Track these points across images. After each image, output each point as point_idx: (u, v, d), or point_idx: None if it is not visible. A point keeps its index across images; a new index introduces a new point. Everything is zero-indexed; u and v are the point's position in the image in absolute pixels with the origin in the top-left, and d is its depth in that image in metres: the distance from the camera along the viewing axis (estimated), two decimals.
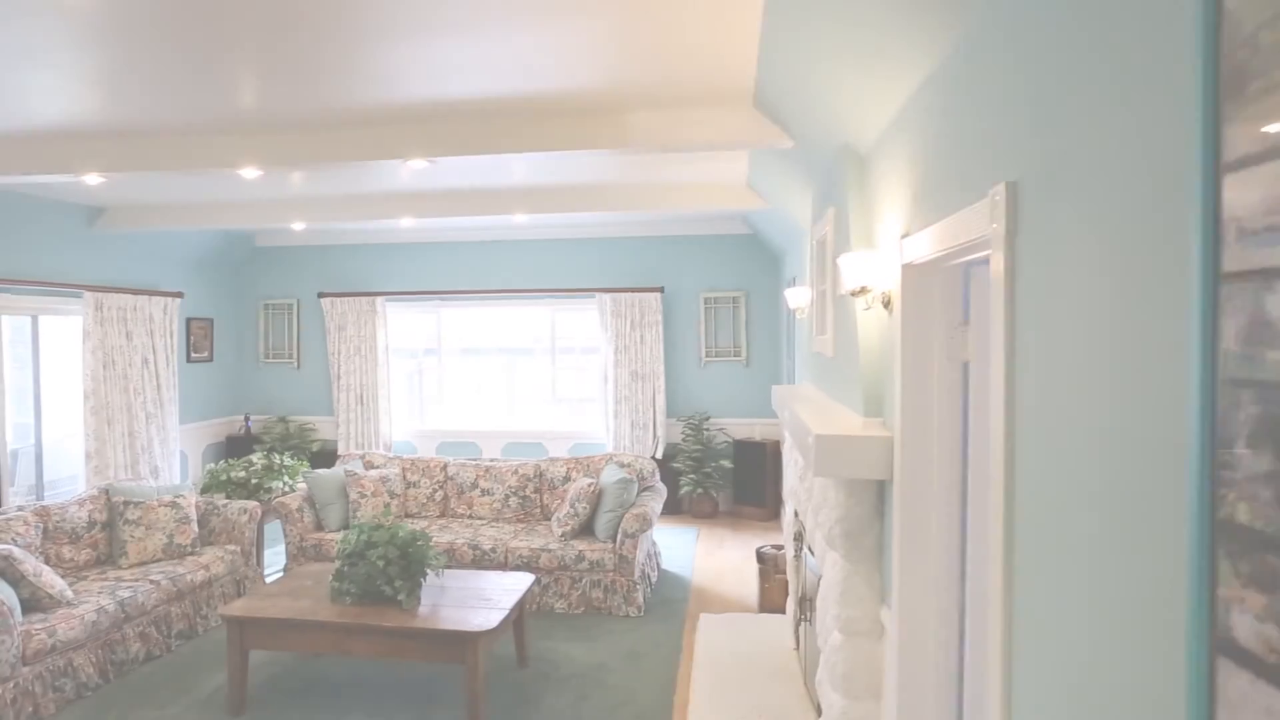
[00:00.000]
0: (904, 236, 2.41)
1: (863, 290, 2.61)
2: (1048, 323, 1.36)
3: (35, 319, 6.54)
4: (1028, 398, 1.46)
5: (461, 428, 8.62)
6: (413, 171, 5.46)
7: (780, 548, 5.45)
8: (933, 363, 2.40)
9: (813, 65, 2.93)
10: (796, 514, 4.47)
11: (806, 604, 3.98)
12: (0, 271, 6.06)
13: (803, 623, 4.07)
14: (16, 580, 3.95)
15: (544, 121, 3.97)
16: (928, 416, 2.41)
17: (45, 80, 3.35)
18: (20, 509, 4.61)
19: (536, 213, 6.17)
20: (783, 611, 5.12)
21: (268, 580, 5.50)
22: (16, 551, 4.02)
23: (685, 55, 3.20)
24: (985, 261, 2.19)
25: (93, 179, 4.42)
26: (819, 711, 3.52)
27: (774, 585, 5.20)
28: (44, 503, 4.79)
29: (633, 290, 8.05)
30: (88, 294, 6.67)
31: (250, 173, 4.25)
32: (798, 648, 4.38)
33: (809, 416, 3.03)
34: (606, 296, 8.06)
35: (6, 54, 3.02)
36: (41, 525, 4.62)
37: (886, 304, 2.62)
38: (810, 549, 3.82)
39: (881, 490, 2.72)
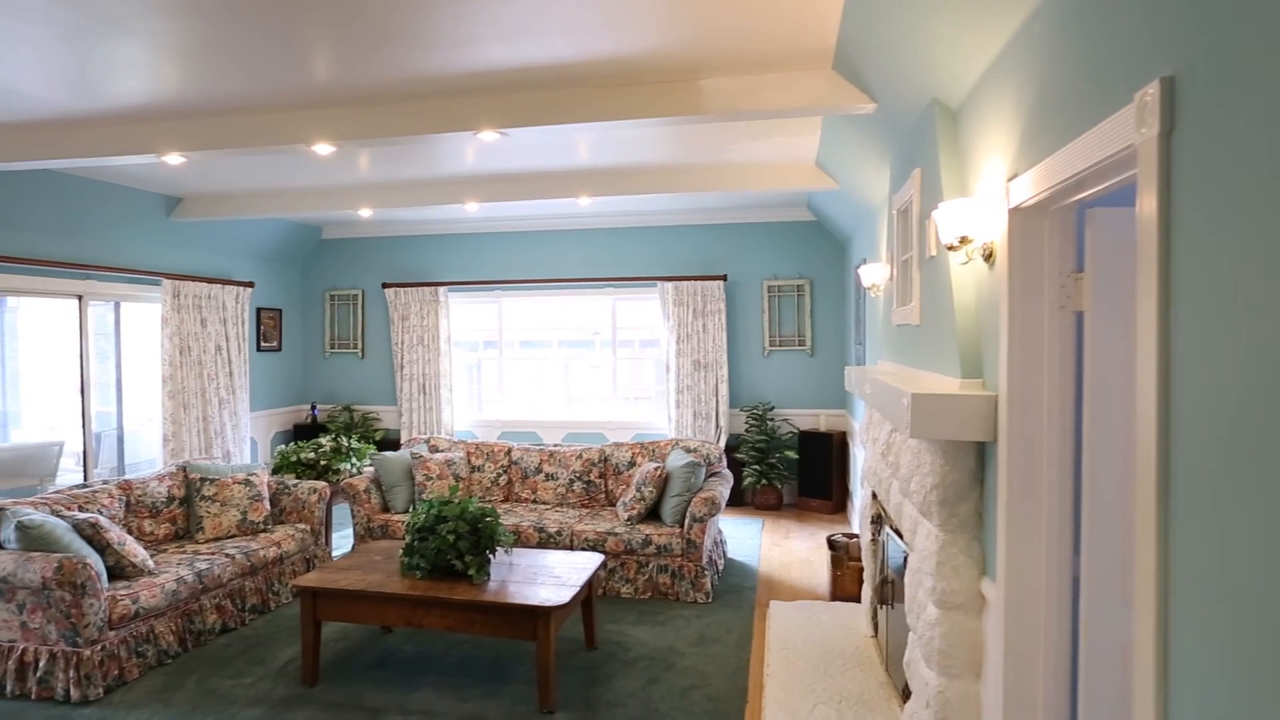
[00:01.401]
0: (1010, 179, 2.26)
1: (963, 242, 2.46)
2: (1221, 249, 1.21)
3: (118, 305, 6.75)
4: (1189, 346, 1.31)
5: (522, 417, 8.63)
6: (478, 154, 5.46)
7: (852, 536, 5.28)
8: (1042, 314, 2.24)
9: (902, 17, 2.79)
10: (875, 496, 4.30)
11: (888, 588, 3.82)
12: (87, 258, 6.28)
13: (883, 608, 3.90)
14: (102, 548, 4.04)
15: (616, 89, 3.90)
16: (1036, 372, 2.25)
17: (128, 52, 3.41)
18: (105, 482, 4.73)
19: (601, 195, 6.11)
20: (856, 599, 4.95)
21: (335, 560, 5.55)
22: (103, 520, 4.11)
23: (763, 12, 3.09)
24: (1105, 200, 2.03)
25: (174, 159, 4.51)
26: (904, 696, 3.36)
27: (847, 573, 5.03)
28: (127, 477, 4.90)
29: (695, 278, 7.94)
30: (166, 281, 6.86)
31: (323, 148, 4.28)
32: (876, 634, 4.21)
33: (899, 382, 2.88)
34: (669, 285, 7.97)
35: (95, 20, 3.07)
36: (125, 499, 4.73)
37: (988, 256, 2.47)
38: (893, 531, 3.67)
39: (981, 454, 2.56)
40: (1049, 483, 2.24)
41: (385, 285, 8.67)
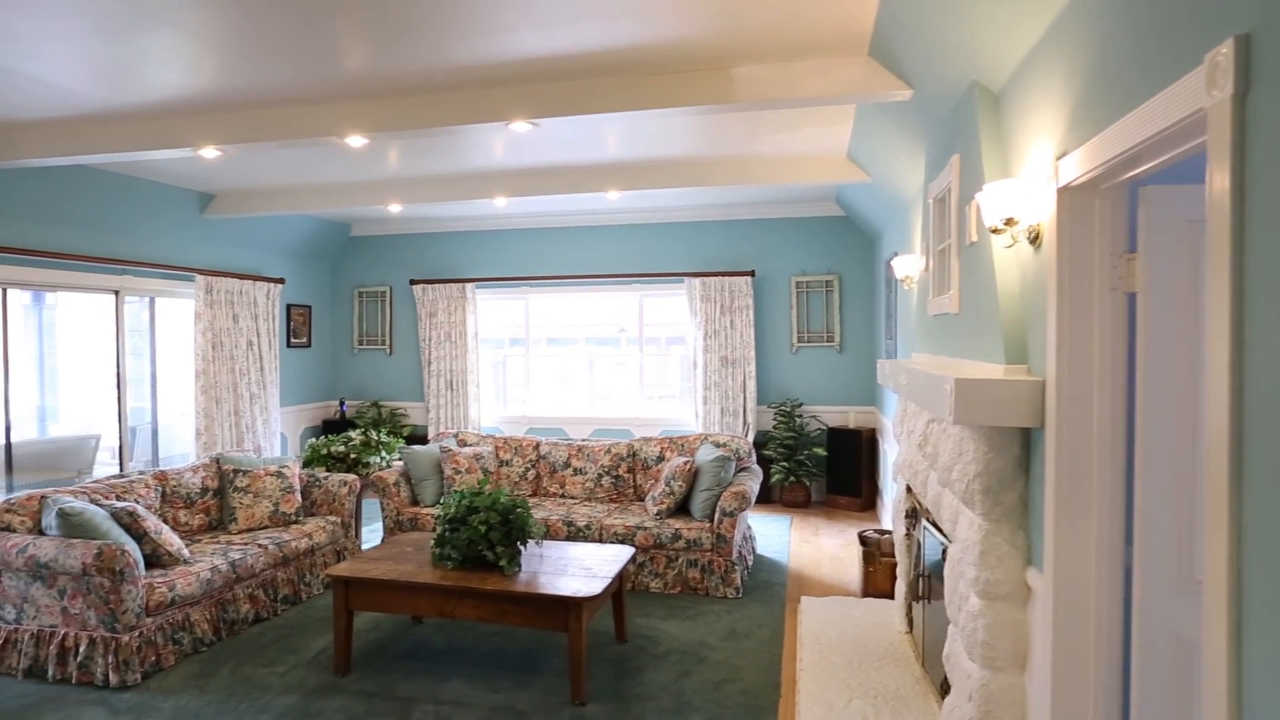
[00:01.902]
0: (1060, 157, 2.20)
1: (1008, 224, 2.40)
2: None
3: (152, 301, 6.84)
4: (1265, 323, 1.25)
5: (549, 414, 8.63)
6: (507, 148, 5.47)
7: (884, 532, 5.22)
8: (1092, 296, 2.18)
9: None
10: (909, 489, 4.24)
11: (923, 582, 3.76)
12: (124, 254, 6.37)
13: (919, 603, 3.84)
14: (140, 536, 4.09)
15: (648, 78, 3.88)
16: (1086, 355, 2.19)
17: (164, 44, 3.44)
18: (141, 473, 4.79)
19: (630, 189, 6.09)
20: (889, 596, 4.88)
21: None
22: (140, 509, 4.16)
23: None
24: (1158, 177, 1.98)
25: (209, 152, 4.55)
26: (943, 691, 3.30)
27: (879, 569, 4.96)
28: (163, 468, 4.96)
29: (723, 274, 7.90)
30: (199, 277, 6.95)
31: (356, 140, 4.30)
32: (910, 630, 4.15)
33: (939, 370, 2.83)
34: (696, 281, 7.94)
35: (131, 12, 3.10)
36: (160, 489, 4.79)
37: (1034, 239, 2.41)
38: (930, 525, 3.60)
39: (1027, 441, 2.50)
40: (1099, 469, 2.19)
41: (413, 282, 8.72)
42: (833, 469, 7.61)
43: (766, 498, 7.77)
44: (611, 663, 4.01)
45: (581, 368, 8.69)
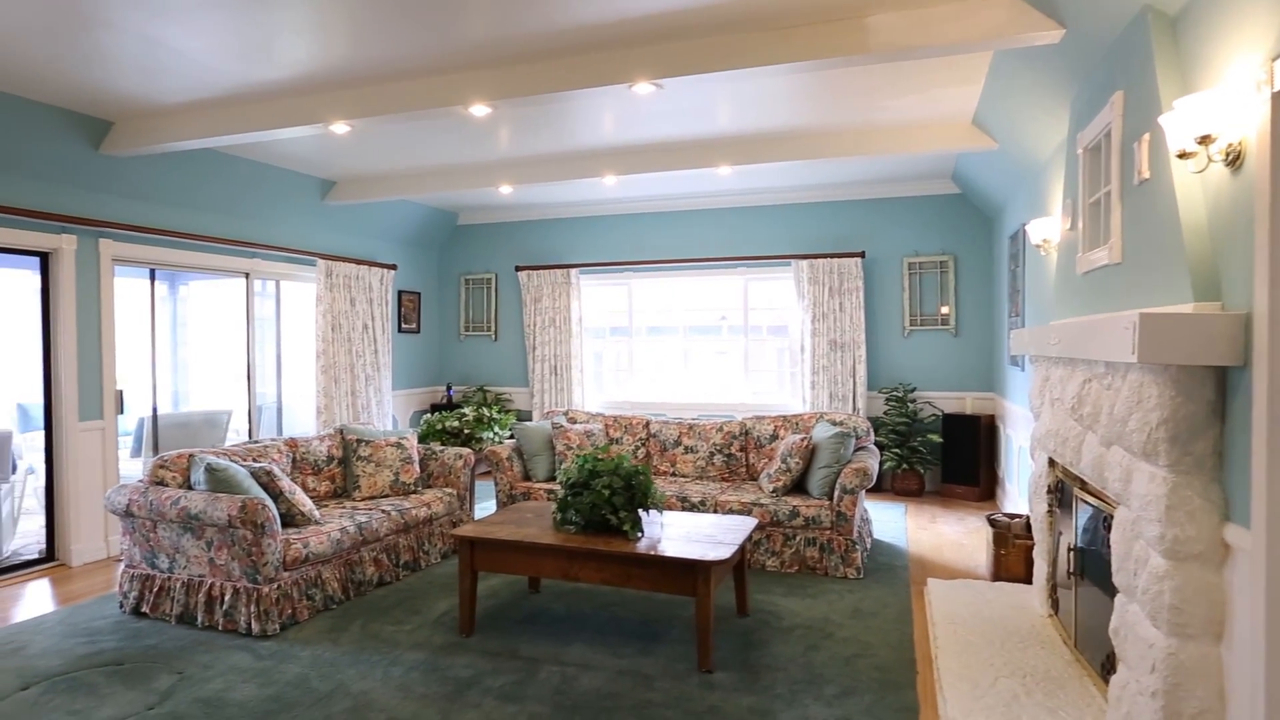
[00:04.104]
0: (1276, 59, 1.98)
1: (1204, 142, 2.18)
2: None
3: (278, 283, 7.16)
4: None
5: (651, 399, 8.59)
6: (616, 123, 5.44)
7: (1015, 516, 4.93)
8: None
9: None
10: (1052, 463, 3.97)
11: (1073, 558, 3.50)
12: (254, 237, 6.69)
13: (1070, 580, 3.58)
14: (276, 495, 4.25)
15: (776, 32, 3.77)
16: None
17: (302, 11, 3.55)
18: (273, 440, 4.99)
19: (741, 164, 5.97)
20: (1022, 580, 4.60)
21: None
22: (276, 470, 4.33)
23: None
24: None
25: (340, 127, 4.70)
26: (1104, 670, 3.05)
27: (1012, 552, 4.68)
28: (292, 436, 5.15)
29: (832, 256, 7.68)
30: (320, 261, 7.23)
31: (479, 109, 4.35)
32: (1055, 613, 3.88)
33: (1108, 315, 2.61)
34: (803, 263, 7.75)
35: None
36: (291, 455, 4.98)
37: (1233, 160, 2.18)
38: (1085, 496, 3.36)
39: (1222, 383, 2.26)
40: None
41: (518, 268, 8.85)
42: (948, 457, 7.28)
43: (878, 486, 7.51)
44: (735, 635, 3.91)
45: (682, 355, 8.60)
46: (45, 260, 5.24)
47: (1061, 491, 3.84)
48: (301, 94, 4.67)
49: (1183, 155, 2.28)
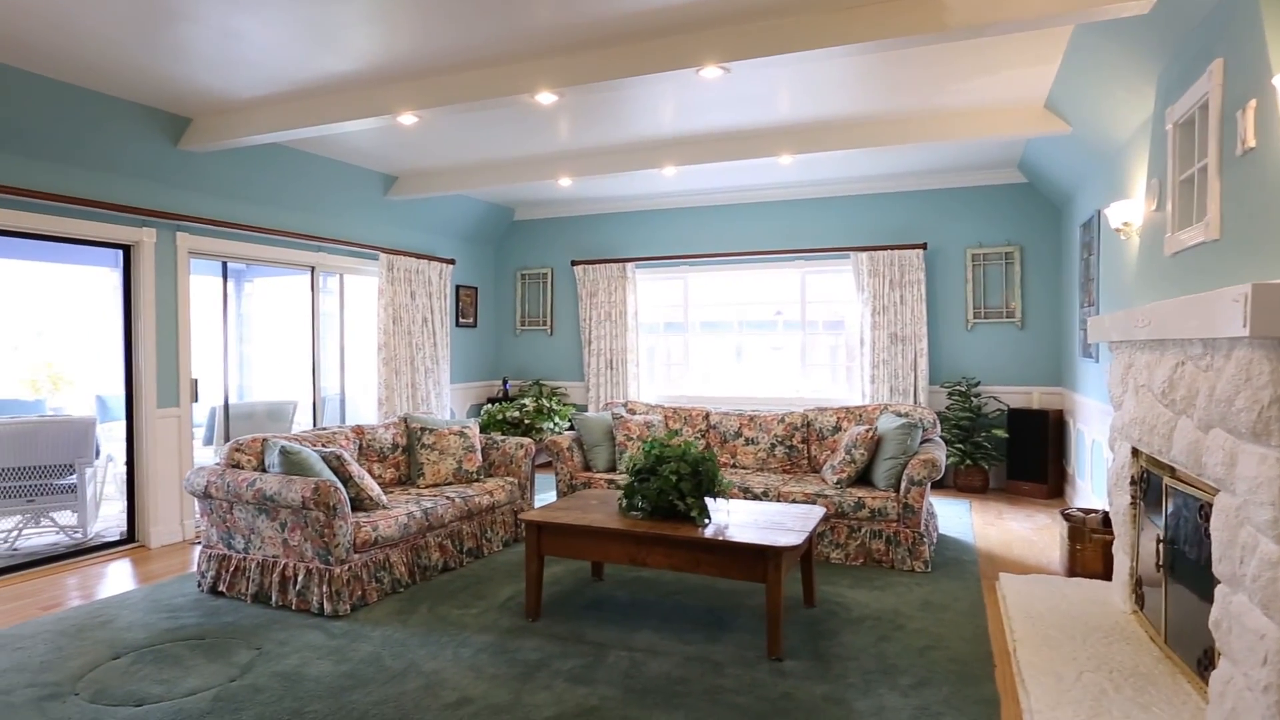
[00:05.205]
0: None
1: None
2: None
3: (341, 277, 7.31)
4: None
5: (708, 393, 8.55)
6: (676, 112, 5.41)
7: (1090, 511, 4.76)
8: None
9: None
10: (1135, 453, 3.82)
11: (1163, 551, 3.36)
12: (319, 231, 6.84)
13: (1159, 573, 3.43)
14: (345, 479, 4.32)
15: (846, 12, 3.70)
16: None
17: (367, 3, 3.60)
18: (340, 427, 5.09)
19: (803, 153, 5.89)
20: (1099, 576, 4.45)
21: None
22: (345, 455, 4.40)
23: None
24: None
25: (407, 118, 4.77)
26: (1200, 667, 2.92)
27: (1088, 548, 4.52)
28: (359, 424, 5.24)
29: (892, 248, 7.53)
30: (382, 255, 7.36)
31: (546, 97, 4.36)
32: (1140, 608, 3.73)
33: (1208, 293, 2.49)
34: (863, 255, 7.62)
35: None
36: (358, 442, 5.07)
37: None
38: (1178, 484, 3.21)
39: None
40: None
41: (574, 263, 8.88)
42: (1013, 453, 7.08)
43: (941, 482, 7.34)
44: (803, 624, 3.84)
45: (735, 351, 8.53)
46: (127, 253, 5.43)
47: (1146, 483, 3.69)
48: (370, 85, 4.75)
49: None
